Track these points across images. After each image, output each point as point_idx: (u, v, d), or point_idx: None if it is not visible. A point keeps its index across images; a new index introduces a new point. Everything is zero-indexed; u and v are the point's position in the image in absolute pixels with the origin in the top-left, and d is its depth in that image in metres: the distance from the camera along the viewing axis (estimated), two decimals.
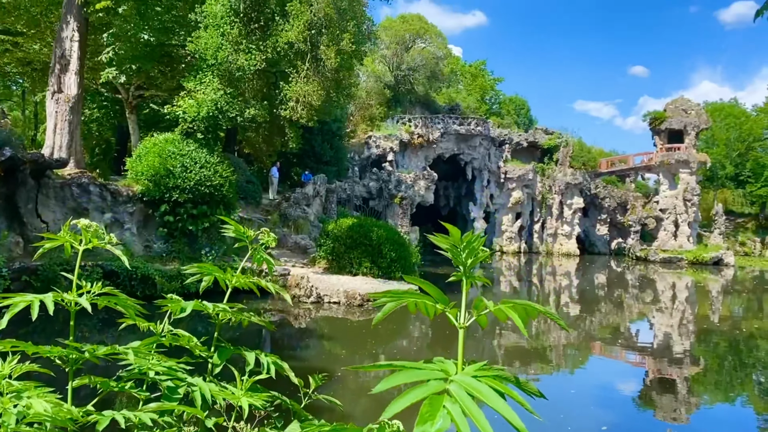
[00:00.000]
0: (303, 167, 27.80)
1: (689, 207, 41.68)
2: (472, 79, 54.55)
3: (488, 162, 42.86)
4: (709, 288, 27.35)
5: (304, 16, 16.32)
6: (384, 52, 41.59)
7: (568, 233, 43.71)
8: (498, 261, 36.15)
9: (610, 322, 17.01)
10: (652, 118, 44.41)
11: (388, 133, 37.64)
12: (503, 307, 1.29)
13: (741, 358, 12.80)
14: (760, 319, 18.36)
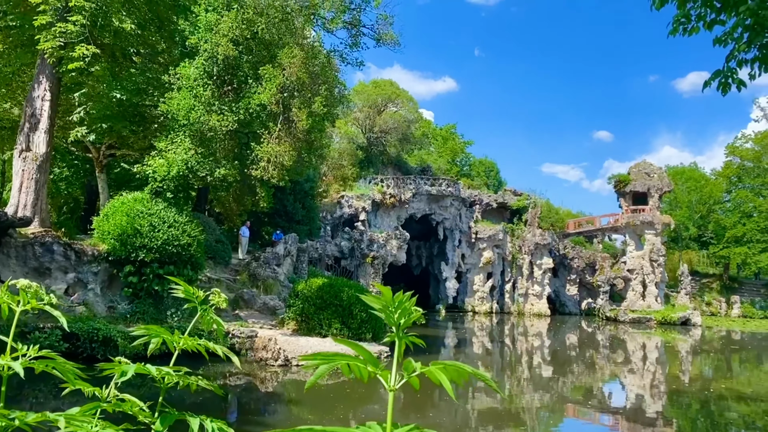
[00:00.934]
0: (274, 226, 27.68)
1: (656, 267, 42.46)
2: (443, 141, 55.90)
3: (459, 222, 43.33)
4: (678, 348, 27.52)
5: (277, 80, 16.67)
6: (357, 114, 42.54)
7: (538, 293, 43.92)
8: (470, 321, 35.96)
9: (582, 383, 16.89)
10: (617, 181, 45.79)
11: (361, 192, 37.97)
12: (433, 368, 1.27)
13: (713, 419, 12.76)
14: (729, 380, 18.45)
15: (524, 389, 15.37)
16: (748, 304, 51.32)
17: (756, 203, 50.03)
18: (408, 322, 1.33)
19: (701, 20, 5.80)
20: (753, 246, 49.36)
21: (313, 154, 19.29)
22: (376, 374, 1.32)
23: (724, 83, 5.58)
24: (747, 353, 26.57)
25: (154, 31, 18.56)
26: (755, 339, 33.09)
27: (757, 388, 16.56)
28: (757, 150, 51.63)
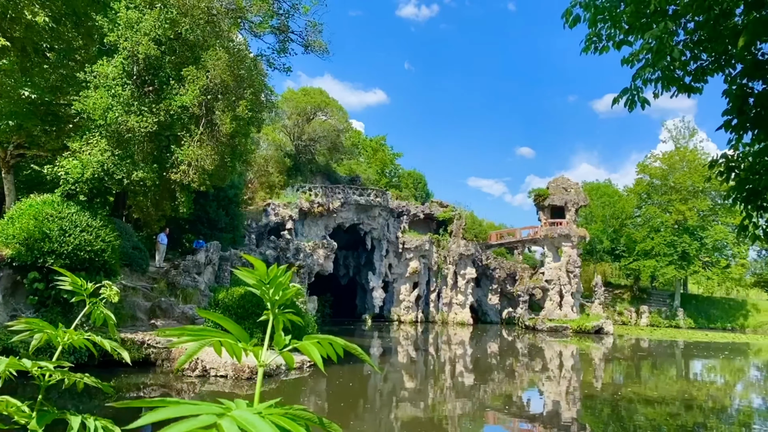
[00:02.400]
0: (196, 234, 26.77)
1: (572, 278, 44.33)
2: (372, 152, 56.19)
3: (387, 232, 43.58)
4: (592, 356, 28.77)
5: (200, 81, 16.18)
6: (285, 122, 42.04)
7: (462, 302, 44.80)
8: (396, 331, 36.13)
9: (503, 390, 17.27)
10: (537, 195, 47.59)
11: (288, 201, 37.44)
12: (305, 343, 1.21)
13: (623, 423, 13.35)
14: (637, 385, 19.43)
15: (447, 397, 15.53)
16: (656, 313, 54.58)
17: (663, 219, 53.33)
18: (284, 298, 1.25)
19: (611, 40, 6.09)
20: (660, 259, 52.54)
21: (237, 160, 18.82)
22: (247, 350, 1.23)
23: (630, 101, 5.87)
24: (653, 360, 28.14)
25: (71, 26, 17.54)
26: (661, 346, 35.13)
27: (662, 392, 17.51)
28: (664, 169, 55.13)
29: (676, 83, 5.83)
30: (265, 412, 0.99)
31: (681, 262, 52.23)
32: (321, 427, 1.08)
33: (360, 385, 16.51)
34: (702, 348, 34.89)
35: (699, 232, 52.71)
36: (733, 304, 60.13)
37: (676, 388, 18.68)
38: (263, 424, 0.93)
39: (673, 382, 20.28)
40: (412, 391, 16.44)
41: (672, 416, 13.92)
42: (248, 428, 0.92)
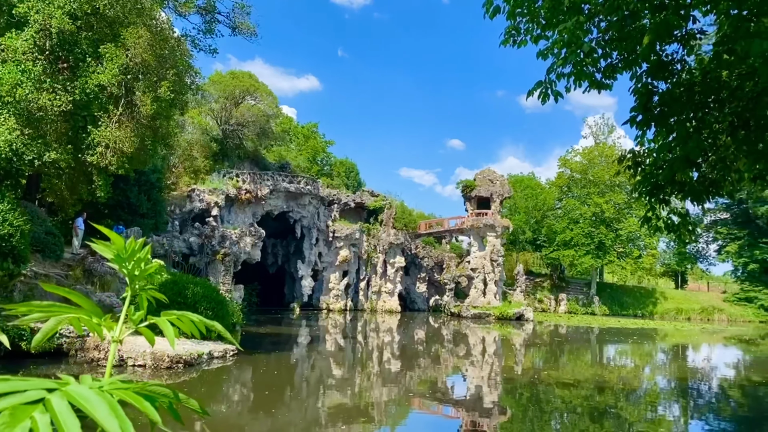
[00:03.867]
0: (115, 219, 25.58)
1: (495, 267, 45.73)
2: (304, 139, 55.54)
3: (317, 221, 43.29)
4: (513, 342, 29.84)
5: (119, 60, 15.37)
6: (212, 105, 40.75)
7: (391, 291, 45.28)
8: (324, 319, 36.06)
9: (428, 376, 17.60)
10: (464, 186, 48.67)
11: (214, 187, 36.42)
12: (161, 318, 1.17)
13: (540, 405, 13.93)
14: (555, 369, 20.31)
15: (373, 384, 15.66)
16: (573, 301, 57.27)
17: (582, 211, 55.85)
18: (145, 273, 1.20)
19: (529, 34, 6.27)
20: (579, 249, 55.06)
21: (159, 143, 18.07)
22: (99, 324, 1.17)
23: (544, 93, 6.06)
24: (570, 345, 29.53)
25: None
26: (577, 332, 36.92)
27: (577, 376, 18.40)
28: (584, 163, 57.67)
29: (587, 79, 6.08)
30: (108, 387, 0.93)
31: (597, 252, 54.96)
32: (179, 403, 1.04)
33: (286, 373, 16.37)
34: (614, 333, 36.93)
35: (614, 224, 55.57)
36: (643, 293, 63.96)
37: (591, 372, 19.68)
38: (97, 399, 0.86)
39: (588, 366, 21.35)
40: (339, 378, 16.47)
41: (586, 398, 14.65)
42: (81, 403, 0.84)
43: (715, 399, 16.37)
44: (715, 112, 5.91)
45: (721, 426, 12.71)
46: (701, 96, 5.81)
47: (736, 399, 16.50)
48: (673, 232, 7.09)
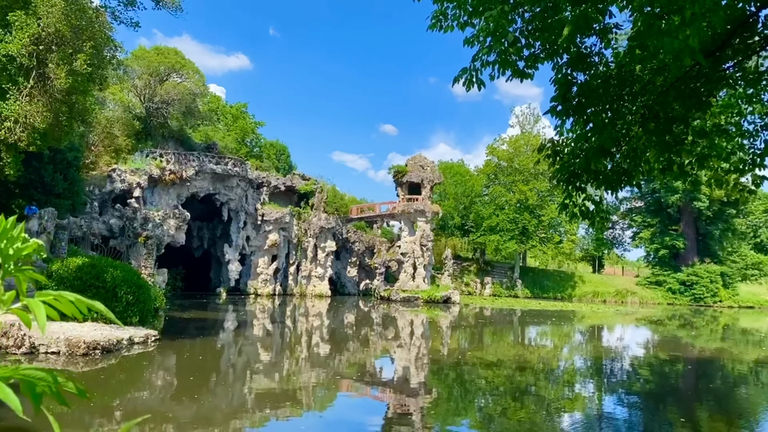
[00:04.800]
0: (28, 199, 24.05)
1: (425, 252, 46.51)
2: (233, 120, 54.08)
3: (246, 203, 42.42)
4: (440, 324, 30.55)
5: (30, 29, 14.35)
6: (135, 81, 38.90)
7: (321, 275, 45.19)
8: (252, 304, 35.55)
9: (357, 359, 17.75)
10: (396, 172, 49.04)
11: (136, 167, 34.90)
12: (34, 300, 1.12)
13: (465, 385, 14.37)
14: (479, 350, 21.00)
15: (302, 368, 15.63)
16: (498, 284, 59.21)
17: (507, 198, 57.59)
18: (20, 253, 1.14)
19: (456, 20, 6.35)
20: (504, 234, 56.83)
21: (75, 119, 17.04)
22: None
23: (468, 81, 6.18)
24: (494, 327, 30.57)
25: None
26: (501, 314, 38.25)
27: (500, 357, 19.10)
28: (510, 152, 59.37)
29: (510, 67, 6.24)
30: None
31: (521, 237, 56.94)
32: (56, 387, 1.00)
33: (212, 359, 16.07)
34: (535, 315, 38.50)
35: (537, 211, 57.65)
36: (563, 276, 66.93)
37: (513, 352, 20.46)
38: None
39: (510, 347, 22.19)
40: (267, 363, 16.33)
41: (508, 378, 15.24)
42: None
43: (626, 376, 17.44)
44: (629, 105, 6.24)
45: (631, 401, 13.56)
46: (616, 88, 6.11)
47: (644, 376, 17.64)
48: (587, 219, 7.46)
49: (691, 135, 6.59)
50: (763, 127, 6.86)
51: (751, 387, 16.25)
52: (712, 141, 6.74)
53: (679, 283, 64.09)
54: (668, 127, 6.02)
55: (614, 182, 6.83)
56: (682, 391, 15.45)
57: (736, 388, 15.80)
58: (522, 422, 10.71)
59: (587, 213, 7.44)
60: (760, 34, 5.83)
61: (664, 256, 66.69)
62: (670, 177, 7.36)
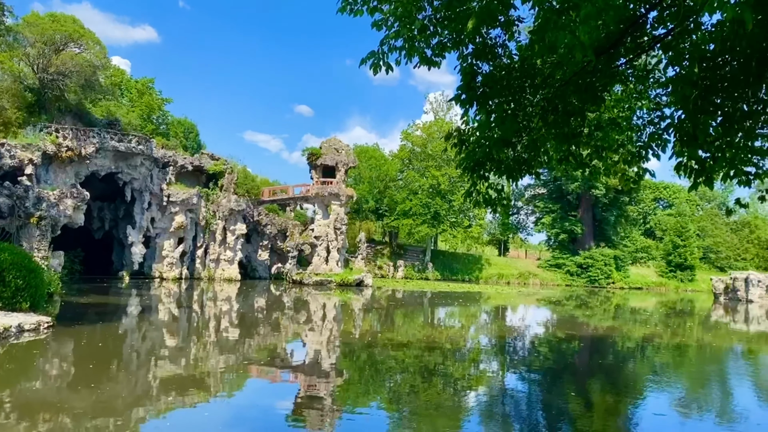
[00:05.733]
0: None
1: (339, 235, 46.59)
2: (138, 95, 51.33)
3: (150, 183, 40.51)
4: (352, 307, 30.82)
5: None
6: (28, 50, 35.88)
7: (230, 259, 44.17)
8: (157, 288, 34.20)
9: (267, 344, 17.59)
10: (310, 154, 48.61)
11: (28, 142, 32.36)
12: None
13: (376, 366, 14.64)
14: (391, 332, 21.42)
15: (209, 353, 15.30)
16: (410, 267, 60.48)
17: (420, 182, 58.70)
18: None
19: (366, 5, 6.37)
20: (416, 218, 57.99)
21: None
22: None
23: (376, 64, 6.23)
24: (405, 309, 31.25)
25: None
26: (413, 296, 39.14)
27: (410, 338, 19.58)
28: (424, 138, 60.43)
29: (418, 54, 6.35)
30: None
31: (433, 221, 58.34)
32: None
33: (113, 345, 15.35)
34: (444, 297, 39.73)
35: (449, 196, 59.18)
36: (471, 259, 69.34)
37: (423, 333, 21.04)
38: None
39: (420, 328, 22.79)
40: (173, 349, 15.83)
41: (418, 358, 15.67)
42: None
43: (527, 354, 18.44)
44: (530, 97, 6.56)
45: (531, 377, 14.37)
46: (519, 80, 6.39)
47: (543, 353, 18.73)
48: (490, 206, 7.80)
49: (587, 128, 7.03)
50: (649, 122, 7.44)
51: (638, 362, 17.68)
52: (606, 134, 7.22)
53: (577, 266, 68.23)
54: (566, 120, 6.38)
55: (515, 171, 7.17)
56: (577, 367, 16.55)
57: (625, 364, 17.14)
58: (430, 401, 11.08)
59: (490, 200, 7.76)
60: (648, 34, 6.29)
61: (563, 241, 70.69)
62: (568, 167, 7.81)
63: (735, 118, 5.74)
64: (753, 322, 33.02)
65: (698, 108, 5.69)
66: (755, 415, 11.30)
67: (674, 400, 12.41)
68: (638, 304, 44.46)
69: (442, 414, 10.14)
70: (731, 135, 5.84)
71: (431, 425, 9.44)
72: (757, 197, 7.25)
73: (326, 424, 9.31)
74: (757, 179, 6.18)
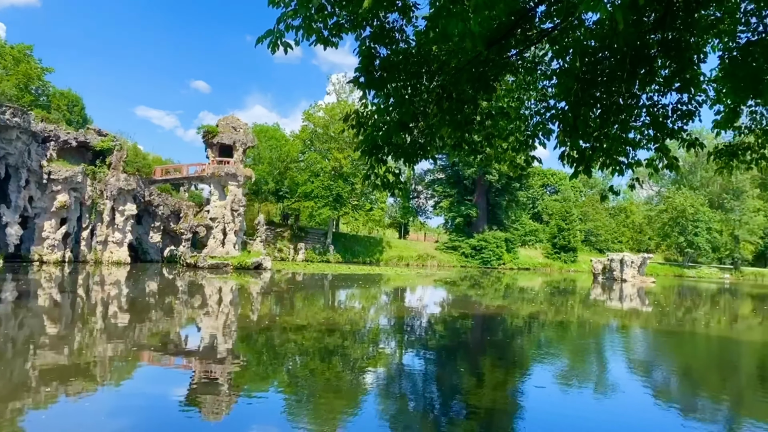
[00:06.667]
0: None
1: (236, 217, 45.41)
2: (14, 63, 46.81)
3: (28, 159, 37.28)
4: (250, 290, 30.28)
5: None
6: None
7: (119, 240, 41.82)
8: (36, 272, 31.71)
9: (160, 329, 16.90)
10: (206, 132, 46.79)
11: None
12: None
13: (275, 350, 14.53)
14: (290, 315, 21.29)
15: (97, 340, 14.48)
16: (311, 250, 60.24)
17: (322, 165, 58.42)
18: None
19: None
20: (318, 201, 57.74)
21: None
22: None
23: (273, 43, 6.12)
24: (305, 291, 31.17)
25: None
26: (313, 279, 39.08)
27: (310, 320, 19.59)
28: (326, 119, 60.04)
29: (315, 34, 6.30)
30: None
31: (335, 204, 58.38)
32: None
33: None
34: (345, 279, 40.04)
35: (351, 179, 59.42)
36: (372, 242, 70.25)
37: (323, 316, 21.11)
38: None
39: (320, 310, 22.84)
40: (55, 337, 14.81)
41: (317, 340, 15.73)
42: None
43: (424, 333, 19.06)
44: (427, 83, 6.72)
45: (427, 355, 14.90)
46: (416, 66, 6.53)
47: (439, 332, 19.46)
48: (388, 189, 7.95)
49: (479, 116, 7.33)
50: (536, 113, 7.88)
51: (525, 338, 18.82)
52: (497, 122, 7.57)
53: (471, 248, 71.17)
54: (460, 107, 6.61)
55: (412, 156, 7.34)
56: (469, 344, 17.34)
57: (513, 340, 18.19)
58: (329, 381, 11.20)
59: (388, 184, 7.90)
60: (537, 28, 6.64)
61: (459, 224, 73.42)
62: (461, 153, 8.12)
63: (612, 111, 6.22)
64: (626, 299, 36.14)
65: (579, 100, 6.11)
66: (625, 384, 12.46)
67: (557, 372, 13.38)
68: (526, 284, 47.20)
69: (341, 395, 10.30)
70: (608, 127, 6.33)
71: (329, 406, 9.56)
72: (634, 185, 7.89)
73: (222, 409, 9.15)
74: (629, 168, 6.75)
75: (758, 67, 7.24)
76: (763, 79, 7.37)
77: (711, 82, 7.99)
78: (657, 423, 9.55)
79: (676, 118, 7.03)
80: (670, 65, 6.63)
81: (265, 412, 9.14)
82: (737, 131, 8.89)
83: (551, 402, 10.51)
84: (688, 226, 76.90)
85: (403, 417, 9.35)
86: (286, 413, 9.14)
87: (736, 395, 11.91)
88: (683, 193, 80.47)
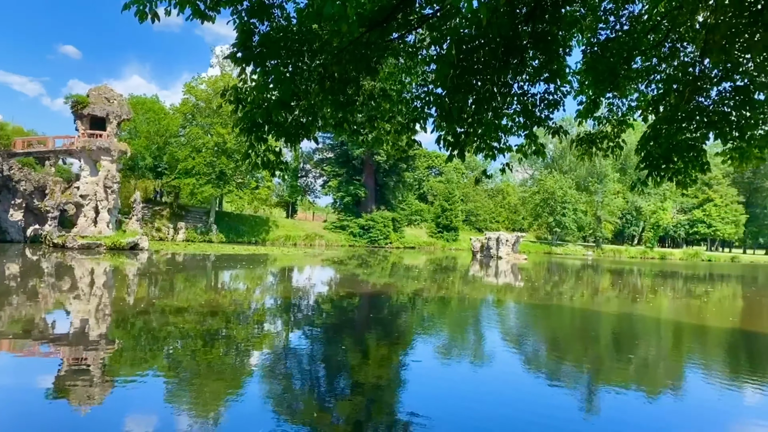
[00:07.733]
0: None
1: (110, 194, 42.59)
2: None
3: None
4: (126, 272, 28.65)
5: None
6: None
7: None
8: None
9: (22, 315, 15.58)
10: (75, 102, 43.21)
11: None
12: None
13: (154, 333, 13.93)
14: (170, 297, 20.44)
15: None
16: (192, 229, 57.96)
17: (205, 140, 56.10)
18: None
19: None
20: (200, 178, 55.50)
21: None
22: None
23: (141, 12, 5.82)
24: (185, 273, 30.01)
25: None
26: (195, 260, 37.71)
27: (191, 303, 18.95)
28: (209, 93, 57.54)
29: (191, 6, 6.06)
30: None
31: (218, 181, 56.45)
32: None
33: None
34: (229, 259, 39.03)
35: (236, 155, 57.70)
36: (258, 221, 68.89)
37: (204, 297, 20.49)
38: None
39: (202, 292, 22.14)
40: None
41: (199, 323, 15.26)
42: None
43: (310, 312, 19.12)
44: (308, 61, 6.69)
45: (314, 334, 14.99)
46: (297, 44, 6.48)
47: (326, 311, 19.61)
48: (268, 168, 7.86)
49: (362, 96, 7.44)
50: (416, 97, 8.14)
51: (409, 314, 19.50)
52: (379, 104, 7.72)
53: (360, 228, 72.11)
54: (342, 88, 6.67)
55: (293, 135, 7.29)
56: (355, 322, 17.68)
57: (398, 316, 18.78)
58: (212, 363, 10.96)
59: (268, 163, 7.81)
60: (417, 13, 6.83)
61: (348, 203, 74.00)
62: (343, 134, 8.20)
63: (485, 99, 6.58)
64: (501, 275, 38.45)
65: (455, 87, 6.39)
66: (499, 355, 13.36)
67: (438, 346, 14.04)
68: (411, 262, 48.71)
69: (224, 377, 10.14)
70: (482, 113, 6.69)
71: (211, 388, 9.38)
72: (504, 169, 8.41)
73: (95, 395, 8.69)
74: (501, 153, 7.20)
75: (615, 62, 7.97)
76: (620, 73, 8.13)
77: (575, 75, 8.69)
78: (527, 389, 10.38)
79: (544, 107, 7.58)
80: (539, 56, 7.12)
81: (143, 398, 8.80)
82: (597, 121, 9.75)
83: (431, 375, 11.04)
84: (557, 207, 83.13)
85: (289, 397, 9.40)
86: (166, 398, 8.86)
87: (595, 362, 13.19)
88: (553, 177, 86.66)
